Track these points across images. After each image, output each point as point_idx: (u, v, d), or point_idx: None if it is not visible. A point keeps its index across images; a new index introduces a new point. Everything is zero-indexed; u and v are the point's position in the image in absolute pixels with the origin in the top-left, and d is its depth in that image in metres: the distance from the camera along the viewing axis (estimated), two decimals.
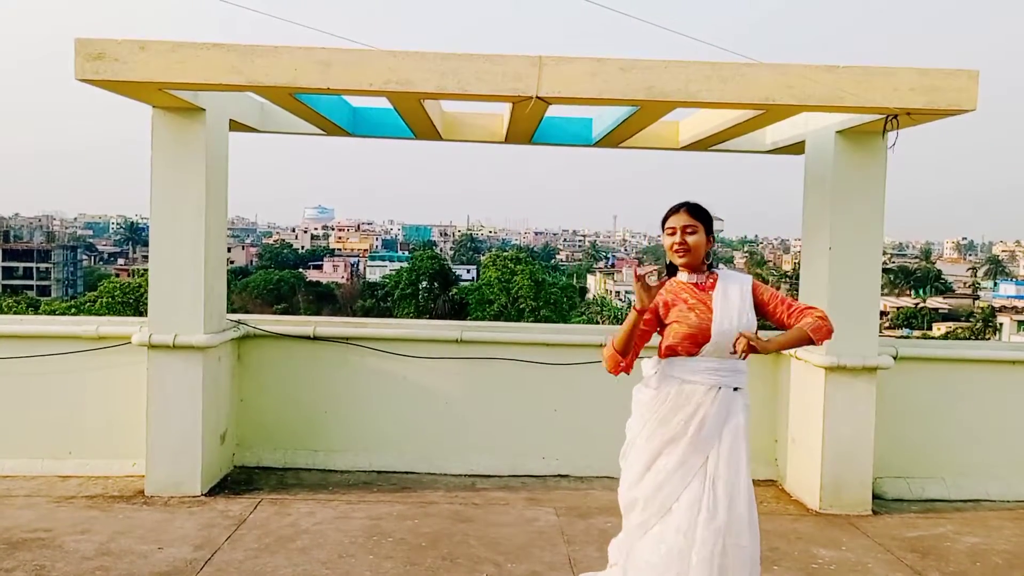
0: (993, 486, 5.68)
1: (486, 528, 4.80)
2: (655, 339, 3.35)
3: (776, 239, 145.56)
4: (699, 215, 3.28)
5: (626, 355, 3.22)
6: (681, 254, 3.27)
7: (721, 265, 3.45)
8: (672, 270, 3.38)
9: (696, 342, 3.21)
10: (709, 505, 3.16)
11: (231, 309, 6.07)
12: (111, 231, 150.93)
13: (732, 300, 3.24)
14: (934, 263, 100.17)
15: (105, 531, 4.56)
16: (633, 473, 3.30)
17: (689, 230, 3.25)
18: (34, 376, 5.63)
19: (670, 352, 3.27)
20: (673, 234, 3.27)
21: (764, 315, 3.31)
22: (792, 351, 5.54)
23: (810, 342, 3.20)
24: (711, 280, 3.31)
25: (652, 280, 3.11)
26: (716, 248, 3.43)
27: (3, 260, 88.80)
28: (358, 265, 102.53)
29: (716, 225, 3.38)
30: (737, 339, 3.11)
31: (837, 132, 5.13)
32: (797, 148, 5.84)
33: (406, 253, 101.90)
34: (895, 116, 4.50)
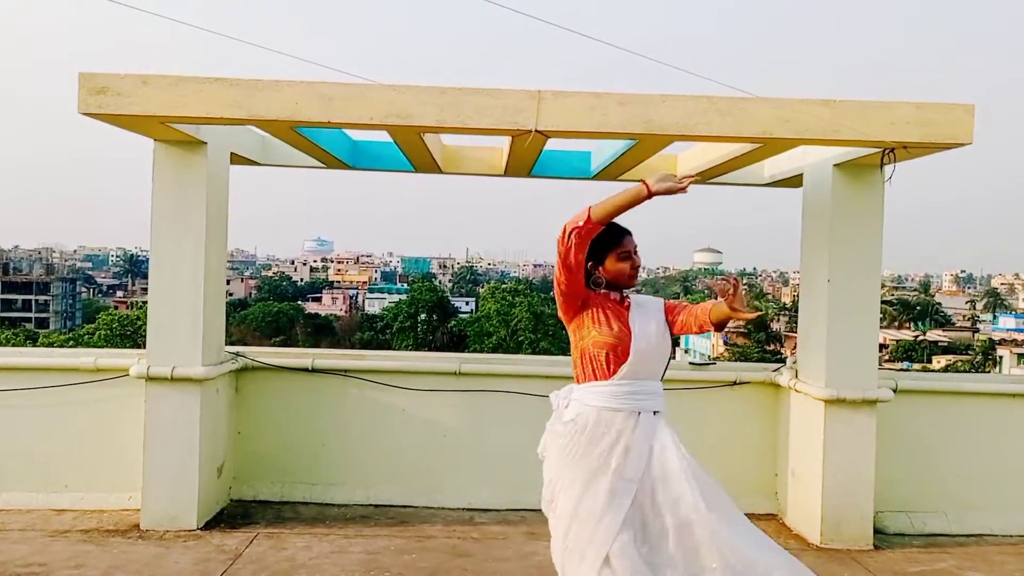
0: (995, 520, 5.64)
1: (484, 562, 4.76)
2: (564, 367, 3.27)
3: (775, 271, 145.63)
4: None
5: (596, 223, 3.04)
6: (635, 276, 3.30)
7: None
8: (593, 284, 3.29)
9: (616, 355, 3.13)
10: (652, 540, 2.99)
11: (229, 341, 6.05)
12: (110, 263, 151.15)
13: (649, 322, 3.24)
14: (933, 296, 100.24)
15: (100, 566, 4.52)
16: (563, 523, 3.08)
17: (638, 252, 3.34)
18: (31, 408, 5.61)
19: (586, 371, 3.19)
20: (628, 258, 3.26)
21: (674, 323, 3.30)
22: (792, 384, 5.53)
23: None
24: (627, 301, 3.31)
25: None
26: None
27: (2, 292, 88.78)
28: (357, 297, 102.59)
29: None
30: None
31: (835, 165, 5.16)
32: (795, 181, 5.88)
33: (405, 285, 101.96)
34: (892, 149, 4.53)
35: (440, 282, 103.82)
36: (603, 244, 3.24)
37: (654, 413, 3.16)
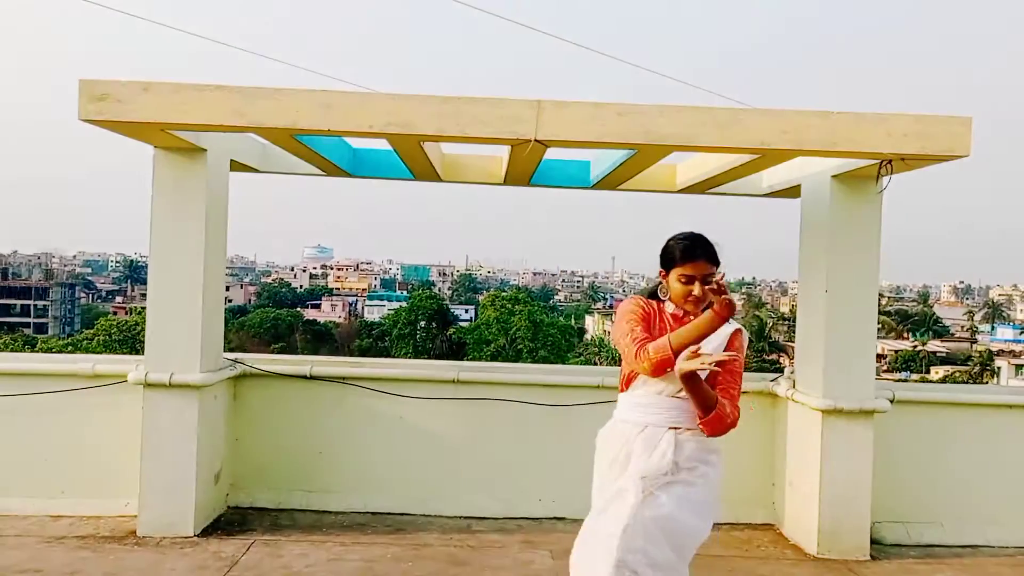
0: (992, 532, 5.64)
1: (481, 571, 4.75)
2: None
3: (774, 281, 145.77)
4: (715, 260, 3.02)
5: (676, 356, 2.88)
6: (696, 305, 3.02)
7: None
8: (656, 294, 3.21)
9: (631, 370, 3.05)
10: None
11: (228, 348, 6.06)
12: (110, 269, 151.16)
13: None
14: (932, 307, 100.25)
15: (96, 572, 4.51)
16: (587, 523, 3.17)
17: (707, 281, 2.96)
18: (28, 414, 5.60)
19: (620, 382, 3.18)
20: (689, 283, 2.99)
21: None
22: (789, 394, 5.54)
23: (705, 411, 2.94)
24: (688, 318, 3.07)
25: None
26: None
27: (1, 297, 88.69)
28: (356, 304, 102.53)
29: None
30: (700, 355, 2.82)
31: (832, 176, 5.18)
32: (793, 192, 5.89)
33: (404, 293, 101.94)
34: (890, 161, 4.55)
35: (439, 290, 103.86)
36: (672, 254, 3.08)
37: (669, 429, 3.02)
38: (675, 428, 3.03)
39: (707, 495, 3.05)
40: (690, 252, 3.01)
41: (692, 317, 3.06)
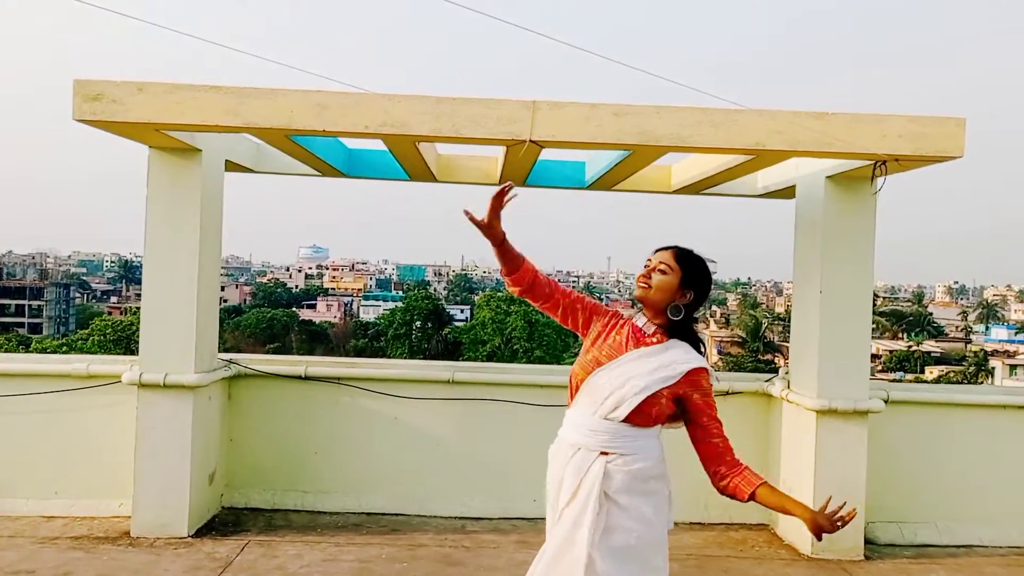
0: (986, 532, 5.65)
1: (476, 571, 4.75)
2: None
3: (769, 281, 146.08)
4: (683, 261, 2.91)
5: (507, 265, 3.07)
6: (640, 285, 2.92)
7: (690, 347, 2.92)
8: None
9: (573, 383, 2.95)
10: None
11: (223, 348, 6.05)
12: (105, 269, 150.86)
13: (646, 364, 2.83)
14: (926, 307, 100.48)
15: (89, 573, 4.50)
16: None
17: (661, 268, 2.89)
18: (21, 415, 5.59)
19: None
20: (647, 266, 2.94)
21: (685, 410, 2.88)
22: (784, 394, 5.55)
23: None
24: (657, 338, 2.91)
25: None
26: (694, 316, 2.97)
27: None
28: (352, 304, 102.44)
29: (710, 267, 3.04)
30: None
31: (827, 177, 5.18)
32: (788, 192, 5.90)
33: (400, 293, 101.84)
34: (884, 162, 4.56)
35: (435, 290, 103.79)
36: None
37: (601, 454, 2.80)
38: (606, 454, 2.81)
39: (652, 537, 2.86)
40: (664, 246, 3.00)
41: (653, 336, 2.92)
